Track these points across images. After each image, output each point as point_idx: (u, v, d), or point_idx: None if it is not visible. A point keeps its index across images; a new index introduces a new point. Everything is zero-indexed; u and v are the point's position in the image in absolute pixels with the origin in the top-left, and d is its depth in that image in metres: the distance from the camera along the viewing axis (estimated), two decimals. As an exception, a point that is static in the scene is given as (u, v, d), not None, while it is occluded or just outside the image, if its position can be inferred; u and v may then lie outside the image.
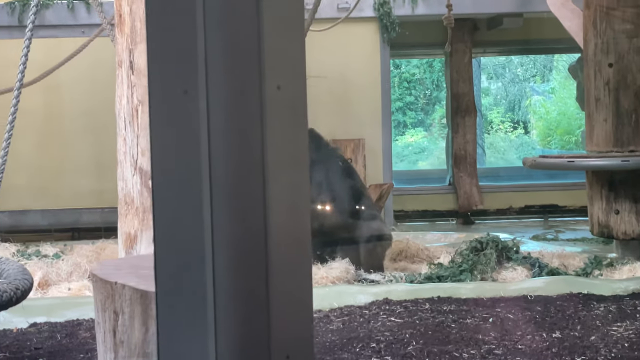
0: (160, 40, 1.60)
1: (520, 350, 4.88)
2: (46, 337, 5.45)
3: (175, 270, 1.60)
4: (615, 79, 8.21)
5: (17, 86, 3.88)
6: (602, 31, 8.25)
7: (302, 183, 1.66)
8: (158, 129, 1.60)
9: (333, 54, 11.19)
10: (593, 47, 8.34)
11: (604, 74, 8.26)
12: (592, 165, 8.31)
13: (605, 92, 8.25)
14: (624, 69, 8.20)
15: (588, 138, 8.54)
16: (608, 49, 8.23)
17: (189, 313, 1.58)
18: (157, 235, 1.61)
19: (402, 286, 6.70)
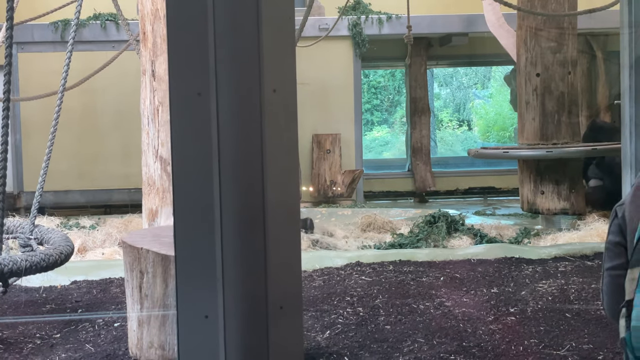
0: (179, 51, 1.59)
1: (465, 303, 4.90)
2: (84, 292, 5.43)
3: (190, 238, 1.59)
4: (541, 86, 8.23)
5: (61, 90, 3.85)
6: (532, 47, 8.26)
7: (293, 167, 1.66)
8: (177, 123, 1.60)
9: (315, 65, 11.16)
10: (524, 60, 8.36)
11: (532, 82, 8.28)
12: (523, 155, 8.34)
13: (533, 97, 8.27)
14: (548, 78, 8.22)
15: (519, 133, 8.57)
16: (536, 62, 8.25)
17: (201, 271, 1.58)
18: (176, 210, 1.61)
19: (371, 252, 6.71)
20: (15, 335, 4.43)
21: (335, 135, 11.34)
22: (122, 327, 4.35)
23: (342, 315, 4.64)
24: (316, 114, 11.26)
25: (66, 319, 4.72)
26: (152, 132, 4.86)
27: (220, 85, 1.57)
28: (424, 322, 4.47)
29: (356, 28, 11.38)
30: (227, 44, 1.57)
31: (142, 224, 4.98)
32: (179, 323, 1.59)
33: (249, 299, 1.58)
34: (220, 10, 1.56)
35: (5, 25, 2.96)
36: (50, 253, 3.35)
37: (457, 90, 23.03)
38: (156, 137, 4.85)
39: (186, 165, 1.59)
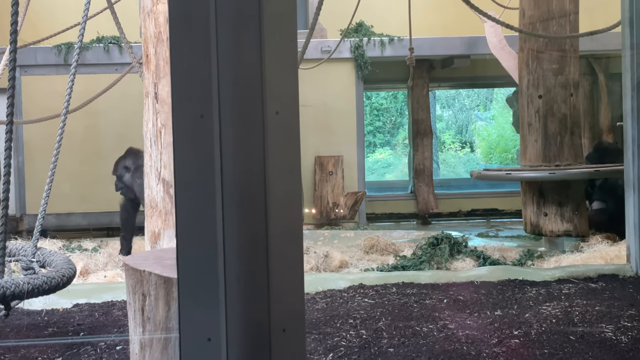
0: (182, 74, 1.60)
1: (469, 325, 4.88)
2: (86, 315, 5.41)
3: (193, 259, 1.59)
4: (544, 108, 8.24)
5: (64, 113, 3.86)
6: (534, 69, 8.28)
7: (296, 188, 1.66)
8: (180, 144, 1.60)
9: (318, 87, 11.20)
10: (526, 82, 8.37)
11: (535, 103, 8.29)
12: (525, 176, 8.33)
13: (536, 118, 8.28)
14: (550, 100, 8.23)
15: (522, 155, 8.57)
16: (538, 84, 8.26)
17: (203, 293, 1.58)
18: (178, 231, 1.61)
19: (374, 274, 6.69)
20: (17, 358, 4.42)
21: (337, 157, 11.34)
22: (124, 350, 4.34)
23: (345, 337, 4.62)
24: (319, 136, 11.28)
25: (68, 342, 4.70)
26: (155, 155, 4.87)
27: (223, 108, 1.57)
28: (428, 345, 4.45)
29: (358, 50, 11.42)
30: (230, 66, 1.58)
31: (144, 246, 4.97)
32: (181, 346, 1.59)
33: (251, 322, 1.58)
34: (223, 33, 1.57)
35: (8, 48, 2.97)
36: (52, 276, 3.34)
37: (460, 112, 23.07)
38: (159, 159, 4.86)
39: (189, 187, 1.59)
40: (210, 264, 1.59)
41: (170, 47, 1.59)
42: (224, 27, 1.58)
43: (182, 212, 1.61)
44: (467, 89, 20.39)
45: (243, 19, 1.59)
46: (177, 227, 1.61)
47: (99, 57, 10.81)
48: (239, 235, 1.60)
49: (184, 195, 1.61)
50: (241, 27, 1.59)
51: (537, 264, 7.36)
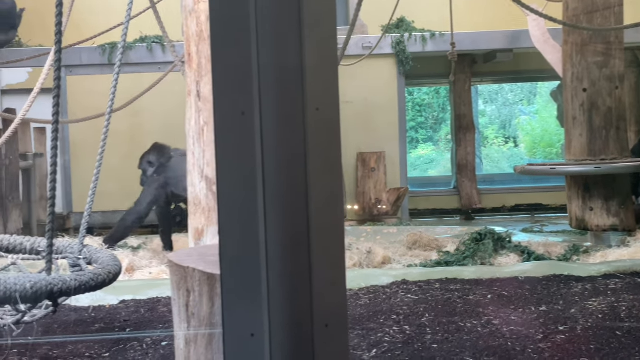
0: (223, 71, 1.61)
1: (514, 321, 4.84)
2: (132, 311, 5.48)
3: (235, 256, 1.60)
4: (588, 101, 8.14)
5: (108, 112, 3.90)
6: (578, 62, 8.18)
7: (337, 184, 1.66)
8: (221, 142, 1.61)
9: (359, 83, 11.18)
10: (570, 75, 8.28)
11: (579, 97, 8.19)
12: (570, 171, 8.24)
13: (580, 112, 8.18)
14: (595, 93, 8.12)
15: (567, 149, 8.47)
16: (583, 77, 8.16)
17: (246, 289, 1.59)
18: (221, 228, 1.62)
19: (417, 270, 6.68)
20: (65, 354, 4.49)
21: (380, 154, 11.32)
22: (170, 346, 4.38)
23: (389, 333, 4.62)
24: (360, 132, 11.27)
25: (115, 338, 4.76)
26: (198, 152, 4.91)
27: (264, 104, 1.58)
28: (472, 341, 4.42)
29: (400, 46, 11.38)
30: (271, 63, 1.58)
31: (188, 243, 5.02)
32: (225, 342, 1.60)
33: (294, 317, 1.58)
34: (264, 29, 1.58)
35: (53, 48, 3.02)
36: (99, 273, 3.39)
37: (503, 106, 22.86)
38: (202, 157, 4.89)
39: (231, 184, 1.60)
40: (252, 260, 1.60)
41: (211, 45, 1.61)
42: (265, 24, 1.59)
43: (224, 209, 1.62)
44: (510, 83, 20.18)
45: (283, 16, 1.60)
46: (220, 224, 1.62)
47: (142, 57, 10.91)
48: (281, 232, 1.60)
49: (226, 192, 1.62)
50: (281, 23, 1.60)
51: (583, 259, 7.28)
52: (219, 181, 1.63)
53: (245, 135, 1.60)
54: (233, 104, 1.60)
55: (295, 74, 1.61)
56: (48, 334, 4.88)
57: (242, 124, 1.60)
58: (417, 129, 22.07)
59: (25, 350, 4.48)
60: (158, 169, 8.44)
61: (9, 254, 4.14)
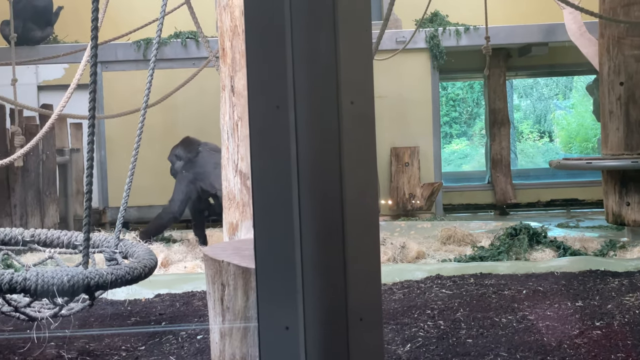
0: (257, 66, 1.61)
1: (549, 316, 4.81)
2: (168, 305, 5.52)
3: (270, 250, 1.60)
4: (625, 95, 8.04)
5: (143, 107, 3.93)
6: (614, 56, 8.08)
7: (371, 178, 1.66)
8: (256, 136, 1.61)
9: (393, 78, 11.16)
10: (607, 69, 8.18)
11: (616, 91, 8.09)
12: (607, 165, 8.15)
13: (617, 106, 8.08)
14: (632, 86, 8.02)
15: (603, 144, 8.38)
16: (619, 71, 8.06)
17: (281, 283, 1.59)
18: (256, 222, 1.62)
19: (451, 264, 6.65)
20: (101, 347, 4.53)
21: (413, 148, 11.29)
22: (205, 339, 4.41)
23: (423, 328, 4.60)
24: (394, 127, 11.24)
25: (150, 331, 4.80)
26: (232, 147, 4.92)
27: (299, 98, 1.58)
28: (507, 336, 4.40)
29: (434, 40, 11.33)
30: (305, 57, 1.58)
31: (222, 237, 5.04)
32: (260, 335, 1.61)
33: (329, 311, 1.58)
34: (298, 24, 1.58)
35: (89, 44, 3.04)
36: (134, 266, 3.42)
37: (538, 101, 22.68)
38: (236, 151, 4.91)
39: (265, 178, 1.61)
40: (287, 254, 1.60)
41: (245, 39, 1.61)
42: (299, 18, 1.59)
43: (259, 203, 1.63)
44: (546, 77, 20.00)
45: (318, 10, 1.59)
46: (255, 218, 1.62)
47: (176, 52, 10.98)
48: (315, 226, 1.60)
49: (261, 187, 1.62)
50: (316, 18, 1.59)
51: (620, 255, 7.20)
52: (253, 175, 1.63)
53: (279, 129, 1.60)
54: (267, 98, 1.60)
55: (329, 67, 1.60)
56: (85, 327, 4.93)
57: (277, 117, 1.60)
58: (450, 124, 21.97)
59: (62, 343, 4.54)
60: (186, 164, 8.54)
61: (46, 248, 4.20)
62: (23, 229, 4.31)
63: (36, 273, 3.04)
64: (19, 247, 4.27)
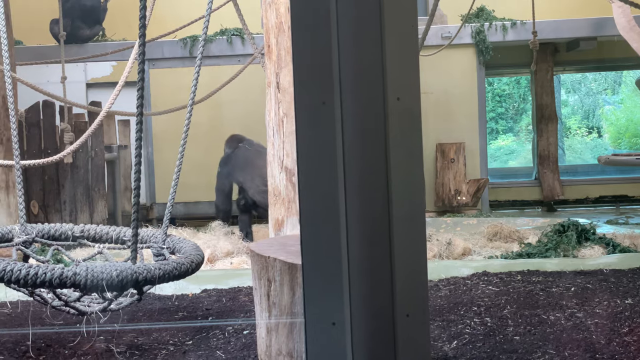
0: (304, 63, 1.62)
1: (598, 314, 4.75)
2: (214, 301, 5.56)
3: (317, 246, 1.61)
4: (676, 89, 7.91)
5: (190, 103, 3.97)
6: (665, 50, 7.95)
7: (417, 174, 1.66)
8: (302, 132, 1.62)
9: (438, 74, 11.10)
10: (657, 63, 8.06)
11: (666, 85, 7.96)
12: (657, 161, 8.03)
13: (667, 101, 7.95)
14: (683, 80, 7.89)
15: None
16: (670, 65, 7.93)
17: (328, 279, 1.60)
18: (302, 218, 1.63)
19: (498, 261, 6.60)
20: (149, 341, 4.59)
21: (459, 144, 11.22)
22: (251, 334, 4.43)
23: (469, 325, 4.58)
24: (439, 123, 11.18)
25: (198, 325, 4.85)
26: (277, 143, 4.95)
27: (345, 94, 1.58)
28: (555, 334, 4.35)
29: (479, 35, 11.24)
30: (351, 53, 1.59)
31: (268, 233, 5.07)
32: (307, 330, 1.61)
33: (375, 306, 1.58)
34: (344, 20, 1.58)
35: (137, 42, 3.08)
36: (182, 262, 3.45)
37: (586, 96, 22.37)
38: (281, 148, 4.93)
39: (312, 174, 1.61)
40: (334, 250, 1.60)
41: (292, 35, 1.62)
42: (345, 15, 1.59)
43: (305, 200, 1.63)
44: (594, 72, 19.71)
45: (364, 7, 1.59)
46: (301, 214, 1.63)
47: (222, 49, 11.04)
48: (362, 221, 1.60)
49: (307, 183, 1.63)
50: (362, 14, 1.60)
51: (671, 252, 7.08)
52: (300, 172, 1.64)
53: (325, 125, 1.60)
54: (314, 94, 1.61)
55: (375, 63, 1.60)
56: (133, 321, 5.00)
57: (323, 114, 1.60)
58: (496, 120, 21.78)
59: (111, 337, 4.60)
60: (224, 159, 8.72)
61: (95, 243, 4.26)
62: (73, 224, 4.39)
63: (86, 268, 3.09)
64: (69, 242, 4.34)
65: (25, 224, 4.09)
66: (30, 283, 3.10)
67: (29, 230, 4.14)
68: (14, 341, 4.56)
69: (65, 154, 6.15)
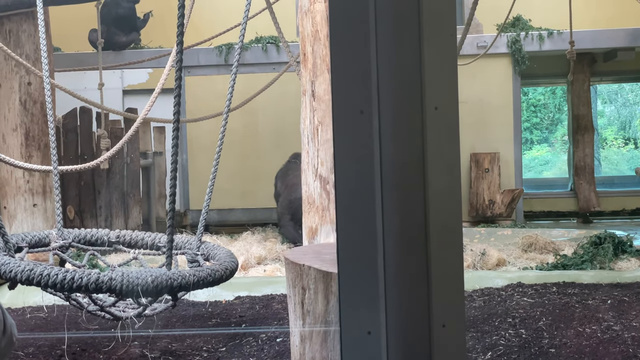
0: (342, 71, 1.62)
1: (635, 327, 4.68)
2: (248, 308, 5.57)
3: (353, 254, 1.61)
4: None
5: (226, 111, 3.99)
6: None
7: (455, 184, 1.65)
8: (340, 141, 1.62)
9: (473, 83, 11.05)
10: (696, 74, 7.95)
11: None
12: (695, 173, 7.91)
13: None
14: None
15: (692, 151, 8.14)
16: None
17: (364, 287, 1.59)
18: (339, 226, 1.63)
19: (533, 272, 6.54)
20: (183, 347, 4.61)
21: (494, 154, 11.15)
22: (284, 342, 4.44)
23: (504, 336, 4.54)
24: (474, 132, 11.13)
25: (231, 332, 4.86)
26: (312, 151, 4.95)
27: (383, 103, 1.58)
28: (591, 347, 4.30)
29: (515, 45, 11.18)
30: (389, 61, 1.58)
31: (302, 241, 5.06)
32: (342, 339, 1.61)
33: (411, 316, 1.58)
34: (382, 28, 1.58)
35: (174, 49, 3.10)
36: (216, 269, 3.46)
37: (623, 107, 22.14)
38: (316, 156, 4.93)
39: (349, 183, 1.61)
40: (370, 259, 1.60)
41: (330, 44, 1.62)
42: (384, 23, 1.59)
43: (342, 208, 1.63)
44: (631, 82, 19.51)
45: (402, 16, 1.59)
46: (337, 222, 1.63)
47: (257, 57, 11.08)
48: (398, 231, 1.60)
49: (344, 191, 1.63)
50: (400, 23, 1.59)
51: None
52: (337, 180, 1.63)
53: (363, 134, 1.60)
54: (351, 103, 1.61)
55: (413, 72, 1.60)
56: (167, 327, 5.02)
57: (361, 122, 1.60)
58: (531, 130, 21.62)
59: (145, 343, 4.63)
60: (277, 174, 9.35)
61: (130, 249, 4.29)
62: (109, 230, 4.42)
63: (121, 273, 3.11)
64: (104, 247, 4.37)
65: (62, 229, 4.13)
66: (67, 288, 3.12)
67: (66, 235, 4.18)
68: (50, 345, 4.60)
69: (102, 160, 6.21)
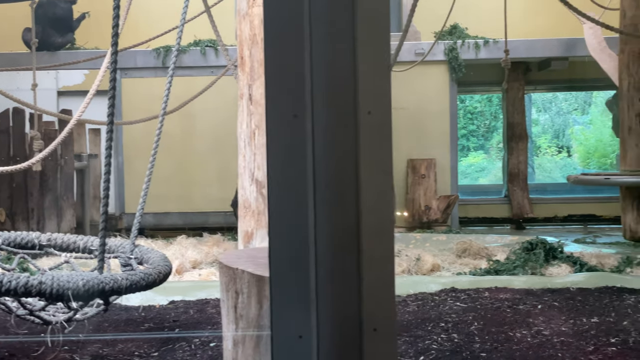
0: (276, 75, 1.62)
1: (564, 332, 4.78)
2: (181, 312, 5.53)
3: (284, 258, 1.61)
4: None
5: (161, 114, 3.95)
6: (634, 72, 8.06)
7: (387, 188, 1.66)
8: (273, 145, 1.62)
9: (411, 90, 11.16)
10: (626, 85, 8.16)
11: (635, 107, 8.07)
12: (625, 181, 8.12)
13: (636, 122, 8.06)
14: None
15: (622, 160, 8.34)
16: (639, 86, 8.03)
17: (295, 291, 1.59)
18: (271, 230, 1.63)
19: (466, 278, 6.63)
20: (114, 352, 4.54)
21: (430, 161, 11.27)
22: (218, 347, 4.41)
23: (437, 341, 4.59)
24: (411, 138, 11.24)
25: (164, 337, 4.81)
26: (249, 156, 4.94)
27: (316, 107, 1.59)
28: (521, 351, 4.37)
29: (452, 53, 11.33)
30: (323, 66, 1.59)
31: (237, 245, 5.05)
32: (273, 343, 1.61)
33: (342, 320, 1.58)
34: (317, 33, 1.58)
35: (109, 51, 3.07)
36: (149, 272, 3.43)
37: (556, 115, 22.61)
38: (252, 160, 4.93)
39: (282, 186, 1.61)
40: (301, 263, 1.60)
41: (264, 47, 1.62)
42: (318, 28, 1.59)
43: (274, 212, 1.63)
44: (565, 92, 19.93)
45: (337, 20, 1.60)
46: (270, 226, 1.63)
47: (195, 60, 11.03)
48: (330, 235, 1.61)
49: (277, 195, 1.63)
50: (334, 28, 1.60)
51: (637, 272, 7.15)
52: (269, 183, 1.63)
53: (297, 137, 1.60)
54: (285, 107, 1.61)
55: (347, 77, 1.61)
56: (99, 332, 4.95)
57: (294, 126, 1.61)
58: (468, 137, 21.93)
59: (76, 348, 4.56)
60: None
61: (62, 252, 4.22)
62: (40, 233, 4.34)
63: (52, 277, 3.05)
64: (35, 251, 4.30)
65: (-9, 231, 4.04)
66: (-5, 291, 3.05)
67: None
68: (-24, 350, 4.50)
69: (34, 161, 6.09)
